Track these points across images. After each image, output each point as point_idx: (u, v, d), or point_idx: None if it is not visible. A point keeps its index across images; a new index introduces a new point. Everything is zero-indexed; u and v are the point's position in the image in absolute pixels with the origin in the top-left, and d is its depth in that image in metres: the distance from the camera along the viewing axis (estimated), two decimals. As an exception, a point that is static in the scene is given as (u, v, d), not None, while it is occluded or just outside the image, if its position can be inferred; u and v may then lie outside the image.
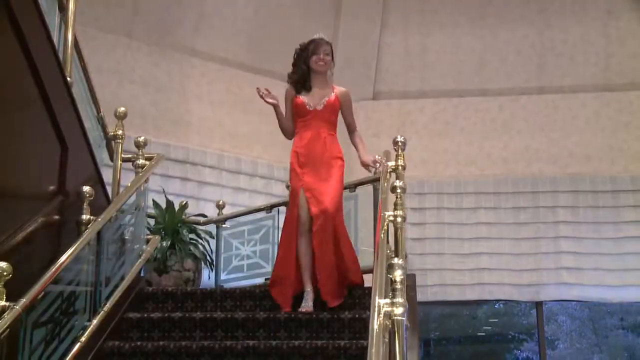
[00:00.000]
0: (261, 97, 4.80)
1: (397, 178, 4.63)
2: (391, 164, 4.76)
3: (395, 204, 4.24)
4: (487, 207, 8.67)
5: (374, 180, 5.18)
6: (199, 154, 8.05)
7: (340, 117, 5.00)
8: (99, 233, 4.16)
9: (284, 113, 4.94)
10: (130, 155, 5.31)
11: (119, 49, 7.80)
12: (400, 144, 4.80)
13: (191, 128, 8.15)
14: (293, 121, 4.93)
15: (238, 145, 8.29)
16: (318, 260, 4.60)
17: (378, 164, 4.73)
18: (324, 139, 4.80)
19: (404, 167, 4.75)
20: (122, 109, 5.33)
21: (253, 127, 8.38)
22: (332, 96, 4.89)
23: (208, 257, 6.25)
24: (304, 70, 4.89)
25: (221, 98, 8.43)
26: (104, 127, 5.28)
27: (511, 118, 8.98)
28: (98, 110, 5.21)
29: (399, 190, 4.27)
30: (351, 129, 5.00)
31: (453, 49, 9.19)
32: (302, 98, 4.88)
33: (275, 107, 4.87)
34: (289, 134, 4.98)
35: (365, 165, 4.84)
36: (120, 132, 5.28)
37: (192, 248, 6.10)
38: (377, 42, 9.22)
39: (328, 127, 4.85)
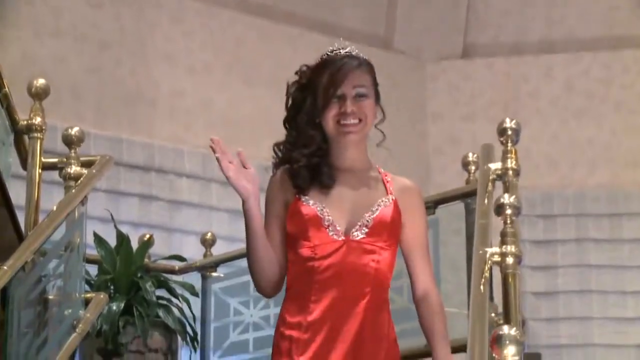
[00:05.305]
0: (219, 162, 3.51)
1: (505, 190, 4.62)
2: (495, 166, 4.77)
3: (504, 235, 4.24)
4: (666, 237, 8.67)
5: (467, 195, 5.19)
6: (171, 155, 8.13)
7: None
8: (4, 291, 4.21)
9: (262, 221, 3.60)
10: (56, 160, 5.36)
11: (34, -20, 7.92)
12: (510, 131, 4.80)
13: (157, 110, 8.22)
14: (282, 251, 3.59)
15: (236, 137, 8.33)
16: None
17: None
18: (364, 312, 3.44)
19: (517, 172, 4.74)
20: (42, 80, 5.37)
21: (261, 106, 8.41)
22: (388, 203, 3.59)
23: (189, 328, 6.29)
24: (313, 142, 3.58)
25: (207, 59, 8.49)
26: (10, 113, 5.34)
27: None
28: (0, 85, 5.29)
29: (509, 211, 4.26)
30: (422, 285, 3.61)
31: (600, -32, 9.21)
32: (315, 207, 3.54)
33: (251, 204, 3.59)
34: (267, 276, 3.56)
35: None
36: (38, 119, 5.32)
37: (161, 313, 6.13)
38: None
39: (373, 284, 3.49)
